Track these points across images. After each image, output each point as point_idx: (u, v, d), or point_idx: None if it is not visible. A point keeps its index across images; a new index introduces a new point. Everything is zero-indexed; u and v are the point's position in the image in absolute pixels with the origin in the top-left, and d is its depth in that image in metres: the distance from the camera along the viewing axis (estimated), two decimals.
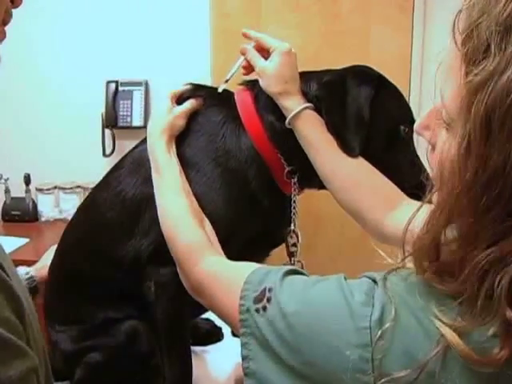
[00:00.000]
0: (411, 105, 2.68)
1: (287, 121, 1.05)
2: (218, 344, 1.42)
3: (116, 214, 1.10)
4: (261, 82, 1.08)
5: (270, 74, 1.07)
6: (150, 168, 1.06)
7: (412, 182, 1.03)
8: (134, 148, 1.18)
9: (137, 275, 1.06)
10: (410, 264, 0.65)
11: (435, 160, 0.63)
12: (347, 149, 1.03)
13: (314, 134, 1.05)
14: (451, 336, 0.56)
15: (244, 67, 1.13)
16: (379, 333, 0.59)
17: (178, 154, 1.06)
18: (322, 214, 2.34)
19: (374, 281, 0.65)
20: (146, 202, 1.05)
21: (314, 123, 1.05)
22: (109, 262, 1.10)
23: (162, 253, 1.00)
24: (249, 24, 2.53)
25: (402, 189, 1.03)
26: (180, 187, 1.00)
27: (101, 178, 1.21)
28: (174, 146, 1.06)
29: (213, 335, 1.40)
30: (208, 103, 1.13)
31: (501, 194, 0.53)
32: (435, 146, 0.64)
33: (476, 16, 0.54)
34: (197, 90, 1.15)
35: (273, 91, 1.07)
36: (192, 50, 2.53)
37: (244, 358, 0.70)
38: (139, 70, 2.58)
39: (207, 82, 2.45)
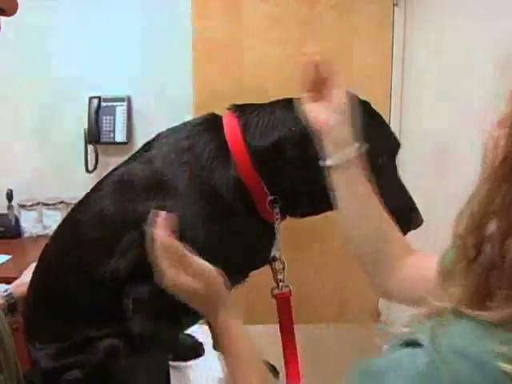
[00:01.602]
0: (392, 118, 2.73)
1: (333, 161, 0.95)
2: (200, 359, 1.43)
3: (96, 234, 1.11)
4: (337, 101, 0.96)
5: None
6: (130, 190, 1.07)
7: (398, 204, 1.04)
8: (115, 169, 1.18)
9: (116, 294, 1.06)
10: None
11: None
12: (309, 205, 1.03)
13: (351, 184, 0.97)
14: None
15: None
16: None
17: (164, 178, 1.04)
18: (303, 228, 2.35)
19: (412, 343, 0.59)
20: (125, 224, 1.06)
21: (354, 174, 0.97)
22: (88, 281, 1.10)
23: (139, 271, 1.00)
24: (230, 39, 2.55)
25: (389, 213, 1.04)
26: None
27: (84, 193, 1.21)
28: None
29: (194, 350, 1.40)
30: (197, 130, 1.11)
31: None
32: None
33: None
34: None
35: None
36: (174, 65, 2.54)
37: None
38: (122, 85, 2.58)
39: (189, 96, 2.46)
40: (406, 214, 1.08)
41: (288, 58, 2.57)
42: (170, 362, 1.34)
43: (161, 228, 0.91)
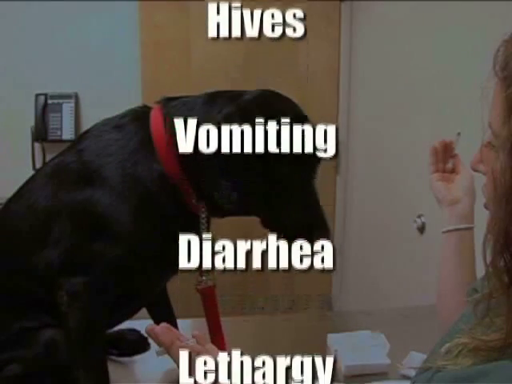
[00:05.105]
0: (340, 112, 2.76)
1: (453, 227, 1.08)
2: (145, 354, 1.42)
3: (28, 224, 1.10)
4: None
5: None
6: (61, 181, 1.06)
7: (301, 219, 1.04)
8: (50, 161, 1.18)
9: (50, 286, 1.06)
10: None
11: (489, 186, 0.69)
12: (223, 200, 1.01)
13: (459, 249, 1.09)
14: None
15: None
16: None
17: (92, 170, 1.04)
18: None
19: None
20: (57, 214, 1.06)
21: (465, 242, 1.09)
22: (21, 273, 1.09)
23: (72, 263, 1.00)
24: (177, 36, 2.55)
25: (285, 229, 1.03)
26: None
27: None
28: None
29: (139, 346, 1.40)
30: (124, 122, 1.11)
31: None
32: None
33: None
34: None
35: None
36: (121, 62, 2.53)
37: None
38: (68, 82, 2.56)
39: (137, 93, 2.46)
40: (305, 231, 1.02)
41: (235, 53, 2.59)
42: (115, 358, 1.34)
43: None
